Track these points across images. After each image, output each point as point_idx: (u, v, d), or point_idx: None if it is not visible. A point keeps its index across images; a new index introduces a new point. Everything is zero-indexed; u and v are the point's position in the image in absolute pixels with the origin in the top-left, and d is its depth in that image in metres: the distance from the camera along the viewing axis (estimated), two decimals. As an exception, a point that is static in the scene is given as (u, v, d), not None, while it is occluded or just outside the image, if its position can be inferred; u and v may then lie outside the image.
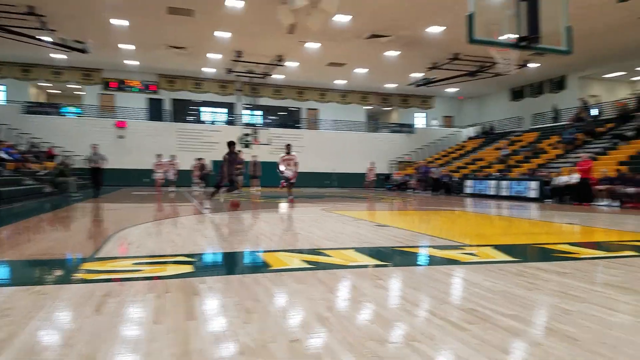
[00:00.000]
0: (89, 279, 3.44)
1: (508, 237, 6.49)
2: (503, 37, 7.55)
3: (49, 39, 17.62)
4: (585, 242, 6.04)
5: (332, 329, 2.34)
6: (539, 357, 2.02)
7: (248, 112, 29.95)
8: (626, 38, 18.59)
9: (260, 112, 30.27)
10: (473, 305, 2.81)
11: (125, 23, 18.38)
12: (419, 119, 35.00)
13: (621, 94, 25.08)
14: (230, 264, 4.31)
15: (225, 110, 30.93)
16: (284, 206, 11.54)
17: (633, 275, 3.73)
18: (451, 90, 30.54)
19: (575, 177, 15.08)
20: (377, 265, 4.10)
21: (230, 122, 30.11)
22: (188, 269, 3.84)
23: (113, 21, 18.11)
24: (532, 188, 17.04)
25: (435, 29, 18.40)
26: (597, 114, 23.54)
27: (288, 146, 12.77)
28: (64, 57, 22.80)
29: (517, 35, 7.22)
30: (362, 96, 31.83)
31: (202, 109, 30.89)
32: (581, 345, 2.14)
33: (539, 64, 22.95)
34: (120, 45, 21.65)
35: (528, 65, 21.97)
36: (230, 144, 10.53)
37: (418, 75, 25.22)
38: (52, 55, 22.75)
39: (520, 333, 2.32)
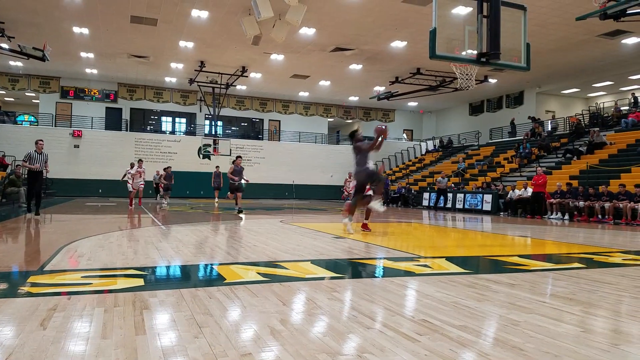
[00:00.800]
0: (35, 293, 3.29)
1: (461, 249, 6.66)
2: (464, 53, 7.78)
3: (6, 46, 16.94)
4: (535, 255, 6.27)
5: (285, 342, 2.33)
6: (484, 366, 2.08)
7: (209, 122, 29.64)
8: (583, 55, 19.60)
9: (221, 123, 29.96)
10: (424, 317, 2.86)
11: (86, 31, 17.90)
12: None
13: (576, 110, 26.43)
14: (184, 277, 4.21)
15: (185, 120, 30.45)
16: (242, 218, 11.42)
17: (579, 286, 3.89)
18: (412, 104, 31.30)
19: (528, 191, 15.70)
20: (332, 278, 4.11)
21: (190, 132, 29.66)
22: (139, 282, 3.73)
23: (74, 29, 17.61)
24: (486, 201, 17.61)
25: (398, 44, 18.87)
26: (551, 129, 24.69)
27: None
28: (21, 64, 21.98)
29: (478, 51, 7.43)
30: (325, 108, 32.13)
31: (162, 118, 30.29)
32: (526, 355, 2.21)
33: (498, 80, 23.90)
34: (80, 54, 21.05)
35: (488, 80, 22.89)
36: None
37: (380, 88, 25.74)
38: (9, 62, 21.87)
39: (469, 344, 2.38)
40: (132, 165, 15.88)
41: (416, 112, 34.53)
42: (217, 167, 20.84)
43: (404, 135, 34.94)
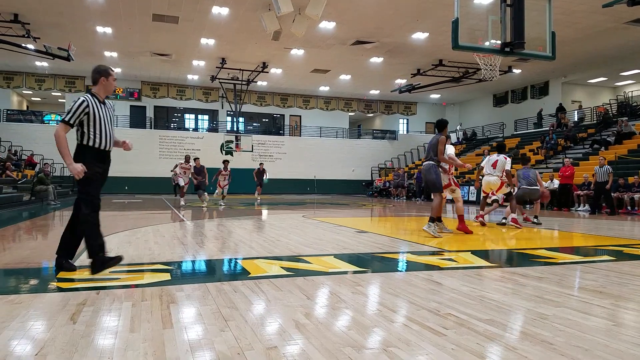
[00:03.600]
0: (64, 288, 3.38)
1: (487, 242, 6.56)
2: (487, 43, 7.63)
3: (32, 47, 17.40)
4: (563, 247, 6.13)
5: (310, 336, 2.34)
6: (512, 361, 2.04)
7: (231, 119, 29.89)
8: (609, 44, 18.97)
9: (242, 119, 30.17)
10: (450, 310, 2.83)
11: (110, 30, 18.23)
12: (403, 125, 35.34)
13: (603, 99, 25.63)
14: (209, 271, 4.27)
15: (208, 117, 30.77)
16: (264, 213, 11.49)
17: (608, 279, 3.80)
18: (434, 96, 30.88)
19: (555, 183, 15.34)
20: (356, 272, 4.11)
21: (212, 129, 29.95)
22: (166, 277, 3.79)
23: (98, 28, 17.96)
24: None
25: (419, 36, 18.61)
26: (577, 119, 24.04)
27: (187, 157, 14.84)
28: (47, 64, 22.53)
29: (502, 41, 7.29)
30: (346, 102, 32.01)
31: (185, 115, 30.67)
32: (555, 349, 2.17)
33: (522, 70, 23.36)
34: (104, 53, 21.46)
35: (512, 71, 22.38)
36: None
37: (401, 81, 25.47)
38: (35, 62, 22.45)
39: (496, 338, 2.34)
40: (187, 159, 14.92)
41: (439, 104, 34.04)
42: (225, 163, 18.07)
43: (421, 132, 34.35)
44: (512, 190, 8.93)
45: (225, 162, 15.95)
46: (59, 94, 27.63)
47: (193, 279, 3.85)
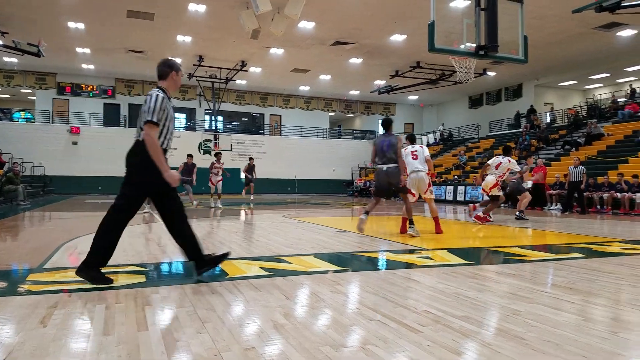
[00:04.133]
0: (35, 291, 3.29)
1: (463, 240, 6.67)
2: (463, 46, 7.76)
3: (0, 42, 16.84)
4: (536, 245, 6.28)
5: (288, 336, 2.33)
6: (487, 357, 2.08)
7: (209, 117, 29.55)
8: (579, 48, 19.53)
9: (221, 118, 29.89)
10: (427, 308, 2.87)
11: (82, 26, 17.81)
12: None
13: (574, 102, 26.38)
14: (186, 273, 4.21)
15: (185, 115, 30.36)
16: (244, 213, 11.42)
17: (579, 276, 3.91)
18: (413, 97, 31.22)
19: (528, 183, 15.69)
20: (335, 271, 4.12)
21: (190, 128, 29.58)
22: (141, 278, 3.74)
23: (69, 24, 17.52)
24: (487, 193, 17.60)
25: (397, 37, 18.79)
26: (549, 121, 24.66)
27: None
28: (16, 60, 21.87)
29: (476, 44, 7.41)
30: (326, 102, 32.07)
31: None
32: (527, 344, 2.22)
33: (497, 73, 23.83)
34: (77, 49, 20.96)
35: (487, 73, 22.81)
36: None
37: (381, 82, 25.67)
38: (4, 58, 21.75)
39: (471, 334, 2.39)
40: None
41: (417, 105, 34.43)
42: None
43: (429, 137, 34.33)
44: (500, 195, 9.20)
45: (218, 154, 14.41)
46: (29, 90, 26.87)
47: (169, 280, 3.80)
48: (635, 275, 3.98)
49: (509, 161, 9.00)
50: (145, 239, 6.22)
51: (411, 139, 7.69)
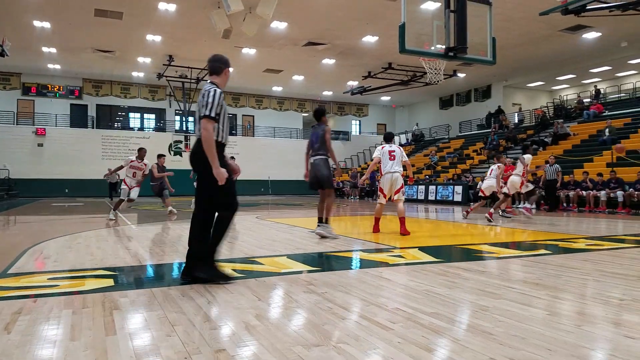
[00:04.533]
0: (-3, 297, 3.17)
1: (433, 239, 6.78)
2: (433, 48, 7.86)
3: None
4: (504, 242, 6.44)
5: (260, 337, 2.32)
6: (456, 352, 2.13)
7: (179, 118, 29.07)
8: (546, 50, 20.12)
9: (192, 119, 29.42)
10: (398, 305, 2.91)
11: (48, 25, 17.27)
12: (355, 126, 35.84)
13: (541, 102, 27.18)
14: (156, 276, 4.14)
15: (154, 116, 29.78)
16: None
17: (545, 272, 4.02)
18: (385, 98, 31.54)
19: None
20: (309, 271, 4.13)
21: (159, 129, 29.05)
22: (109, 282, 3.65)
23: (35, 23, 16.96)
24: (457, 192, 17.97)
25: (369, 39, 18.95)
26: (517, 121, 25.34)
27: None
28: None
29: (446, 46, 7.53)
30: (300, 103, 32.06)
31: (130, 114, 29.50)
32: (495, 339, 2.28)
33: (466, 74, 24.32)
34: (42, 48, 20.30)
35: (457, 74, 23.25)
36: None
37: (353, 83, 25.84)
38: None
39: (440, 330, 2.43)
40: (142, 154, 10.37)
41: (389, 106, 34.80)
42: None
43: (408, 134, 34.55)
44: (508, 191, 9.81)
45: (142, 150, 10.86)
46: (-8, 91, 25.89)
47: (138, 284, 3.72)
48: (598, 271, 4.13)
49: (524, 158, 9.76)
50: (114, 243, 6.09)
51: (387, 138, 7.56)
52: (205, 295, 3.18)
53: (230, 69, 3.82)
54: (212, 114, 3.41)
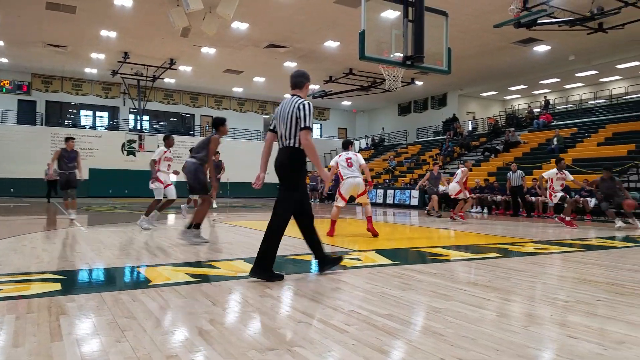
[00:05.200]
0: None
1: (390, 242, 6.89)
2: (392, 56, 8.00)
3: None
4: (457, 246, 6.64)
5: (213, 342, 2.29)
6: (408, 353, 2.17)
7: (134, 116, 28.21)
8: (500, 61, 20.94)
9: (147, 117, 28.66)
10: (353, 307, 2.94)
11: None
12: (317, 130, 35.97)
13: (494, 111, 28.26)
14: (106, 280, 4.00)
15: (107, 114, 28.74)
16: (171, 218, 11.03)
17: (495, 274, 4.18)
18: (346, 103, 31.85)
19: (442, 187, 16.53)
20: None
21: (112, 127, 28.06)
22: (56, 287, 3.49)
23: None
24: (414, 197, 18.39)
25: (330, 44, 19.09)
26: (471, 129, 26.24)
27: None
28: None
29: (404, 54, 7.68)
30: (260, 105, 31.85)
31: (82, 112, 28.32)
32: (446, 340, 2.35)
33: (424, 82, 24.94)
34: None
35: (415, 82, 23.81)
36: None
37: (315, 87, 25.93)
38: None
39: (394, 331, 2.48)
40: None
41: (349, 111, 35.17)
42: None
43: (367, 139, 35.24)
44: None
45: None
46: None
47: (87, 288, 3.58)
48: (546, 273, 4.33)
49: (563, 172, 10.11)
50: (62, 245, 5.83)
51: (345, 146, 7.61)
52: (156, 300, 3.10)
53: (310, 85, 4.19)
54: (309, 125, 3.82)
